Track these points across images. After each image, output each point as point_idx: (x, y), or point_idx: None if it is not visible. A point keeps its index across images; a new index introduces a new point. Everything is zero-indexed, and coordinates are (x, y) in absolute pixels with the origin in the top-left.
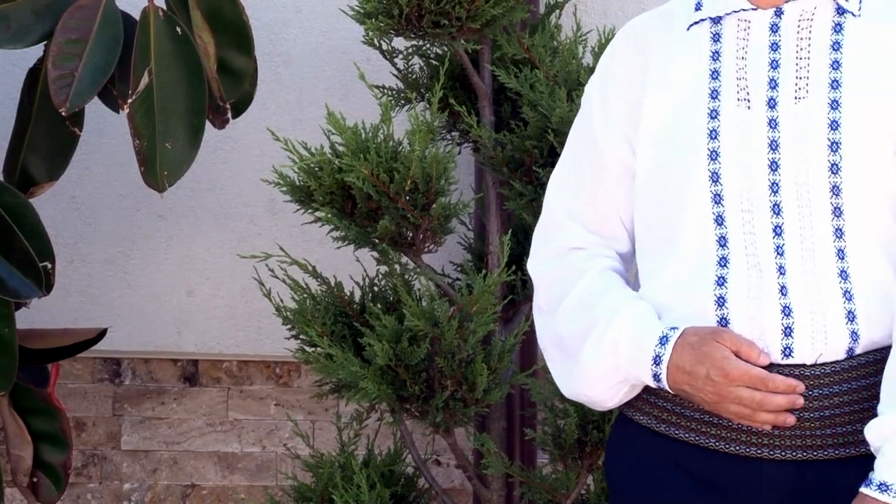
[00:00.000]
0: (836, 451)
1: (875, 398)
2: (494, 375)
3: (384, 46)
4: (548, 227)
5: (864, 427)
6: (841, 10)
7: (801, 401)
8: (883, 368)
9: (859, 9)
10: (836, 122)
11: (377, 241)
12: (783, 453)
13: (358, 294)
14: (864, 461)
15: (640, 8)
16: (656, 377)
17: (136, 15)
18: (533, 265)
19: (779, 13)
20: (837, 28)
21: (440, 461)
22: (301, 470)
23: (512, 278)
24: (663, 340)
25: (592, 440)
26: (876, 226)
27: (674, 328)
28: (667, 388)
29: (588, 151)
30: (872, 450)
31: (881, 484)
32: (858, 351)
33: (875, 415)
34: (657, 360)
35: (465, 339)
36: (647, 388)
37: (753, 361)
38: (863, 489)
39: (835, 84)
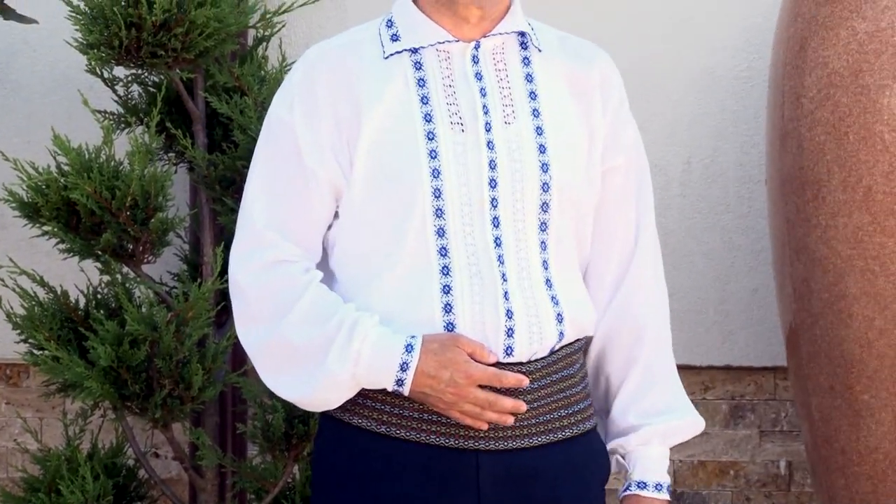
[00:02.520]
0: (541, 438)
1: (567, 391)
2: (209, 375)
3: (106, 75)
4: (253, 239)
5: (562, 415)
6: (525, 46)
7: (524, 407)
8: (570, 366)
9: (541, 45)
10: (544, 146)
11: (100, 252)
12: (496, 444)
13: (83, 301)
14: (563, 445)
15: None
16: (399, 382)
17: None
18: (242, 276)
19: (477, 46)
20: (526, 62)
21: (159, 454)
22: (30, 463)
23: (224, 286)
24: (409, 348)
25: (298, 433)
26: (570, 237)
27: (414, 336)
28: (406, 392)
29: (292, 171)
30: (616, 453)
31: (641, 483)
32: (557, 347)
33: (568, 404)
34: (404, 367)
35: (182, 342)
36: (362, 393)
37: (484, 362)
38: (635, 492)
39: (535, 113)
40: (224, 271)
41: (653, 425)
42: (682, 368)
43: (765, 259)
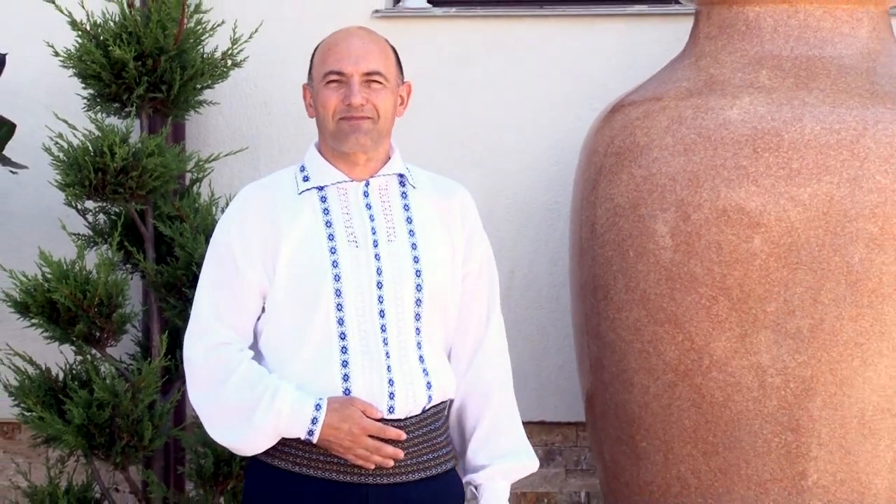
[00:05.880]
0: (416, 475)
1: (435, 439)
2: (157, 430)
3: (79, 206)
4: (201, 326)
5: (432, 458)
6: (404, 184)
7: (401, 454)
8: (438, 420)
9: (416, 184)
10: (417, 257)
11: (75, 339)
12: (382, 479)
13: (62, 375)
14: (433, 481)
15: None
16: (310, 433)
17: None
18: (192, 354)
19: (367, 184)
20: (405, 195)
21: (119, 489)
22: (22, 497)
23: (168, 364)
24: (317, 407)
25: (224, 473)
26: (436, 324)
27: (321, 398)
28: (315, 440)
29: (231, 276)
30: (470, 483)
31: None
32: (428, 407)
33: (436, 448)
34: (314, 421)
35: (136, 406)
36: (282, 442)
37: (373, 417)
38: None
39: (412, 233)
40: (167, 353)
41: (496, 465)
42: None
43: (569, 342)
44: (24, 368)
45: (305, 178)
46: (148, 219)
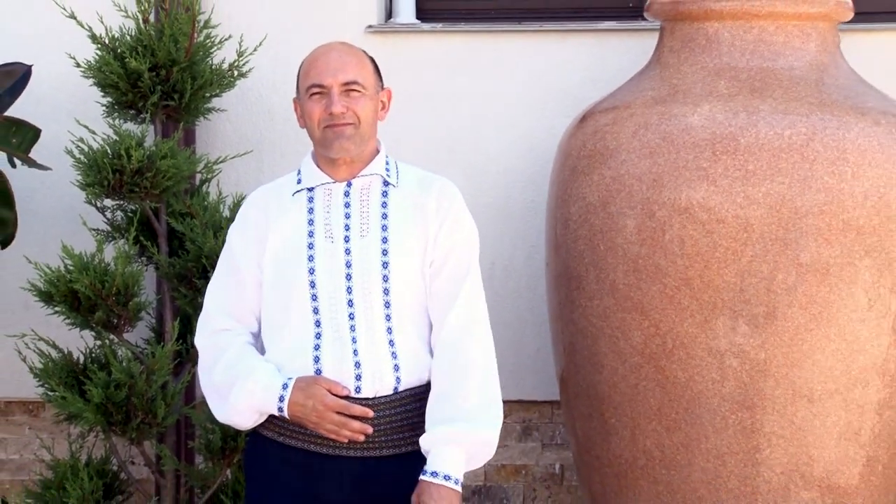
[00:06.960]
0: (388, 451)
1: (412, 419)
2: (169, 408)
3: (98, 204)
4: (207, 316)
5: (406, 436)
6: (386, 183)
7: (370, 430)
8: (417, 402)
9: (398, 181)
10: (386, 250)
11: (94, 325)
12: (354, 452)
13: (82, 359)
14: (407, 457)
15: (258, 183)
16: (280, 409)
17: None
18: (198, 340)
19: (349, 185)
20: (385, 194)
21: (135, 462)
22: (46, 469)
23: (180, 348)
24: (284, 387)
25: (230, 447)
26: (409, 313)
27: (290, 378)
28: (286, 416)
29: (232, 271)
30: (424, 452)
31: (434, 472)
32: (400, 389)
33: (414, 428)
34: (281, 399)
35: (151, 386)
36: (271, 415)
37: (338, 394)
38: (422, 477)
39: (384, 228)
40: (179, 337)
41: (432, 430)
42: None
43: (544, 328)
44: (47, 352)
45: (299, 181)
46: (161, 216)
